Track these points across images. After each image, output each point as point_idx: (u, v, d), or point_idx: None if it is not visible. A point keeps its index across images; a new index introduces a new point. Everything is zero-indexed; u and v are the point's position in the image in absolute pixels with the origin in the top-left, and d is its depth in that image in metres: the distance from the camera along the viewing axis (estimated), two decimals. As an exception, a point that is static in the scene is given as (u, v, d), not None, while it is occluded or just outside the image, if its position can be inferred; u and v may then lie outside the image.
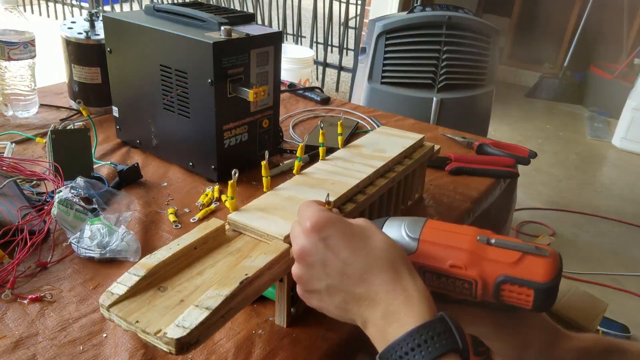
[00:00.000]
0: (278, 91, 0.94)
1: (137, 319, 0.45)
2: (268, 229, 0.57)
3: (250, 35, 0.84)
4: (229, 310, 0.47)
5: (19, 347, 0.54)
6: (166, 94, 0.89)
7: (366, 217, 0.53)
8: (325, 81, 3.63)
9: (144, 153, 0.99)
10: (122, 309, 0.46)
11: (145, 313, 0.46)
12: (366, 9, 3.44)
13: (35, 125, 1.07)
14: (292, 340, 0.59)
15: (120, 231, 0.70)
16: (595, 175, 2.95)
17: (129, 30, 0.90)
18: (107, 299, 0.46)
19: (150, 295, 0.48)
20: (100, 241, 0.68)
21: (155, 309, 0.46)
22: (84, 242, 0.68)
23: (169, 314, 0.46)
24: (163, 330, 0.43)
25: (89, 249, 0.68)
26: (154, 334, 0.43)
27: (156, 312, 0.46)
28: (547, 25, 4.33)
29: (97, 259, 0.68)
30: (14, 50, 1.03)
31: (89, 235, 0.68)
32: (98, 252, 0.68)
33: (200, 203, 0.83)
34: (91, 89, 1.10)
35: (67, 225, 0.71)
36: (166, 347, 0.42)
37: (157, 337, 0.43)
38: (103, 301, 0.46)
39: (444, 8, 1.87)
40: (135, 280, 0.48)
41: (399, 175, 0.77)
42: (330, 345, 0.59)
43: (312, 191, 0.66)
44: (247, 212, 0.60)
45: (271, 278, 0.53)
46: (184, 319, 0.43)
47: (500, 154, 1.10)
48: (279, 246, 0.54)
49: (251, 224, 0.58)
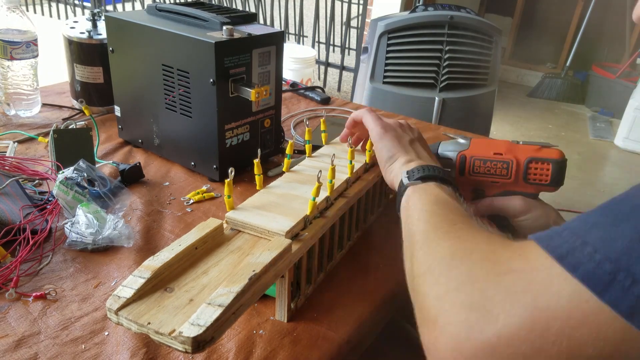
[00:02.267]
0: (280, 91, 0.94)
1: (149, 321, 0.45)
2: (268, 226, 0.57)
3: (252, 35, 0.84)
4: (239, 306, 0.47)
5: (21, 345, 0.55)
6: (168, 94, 0.89)
7: (355, 209, 0.74)
8: (327, 81, 3.63)
9: (146, 152, 1.00)
10: (132, 312, 0.46)
11: (155, 314, 0.45)
12: (368, 9, 3.44)
13: (38, 125, 1.07)
14: (292, 340, 0.59)
15: (112, 218, 0.71)
16: (597, 175, 2.95)
17: (131, 30, 0.91)
18: (115, 302, 0.46)
19: (158, 297, 0.48)
20: (94, 229, 0.69)
21: (166, 310, 0.46)
22: (78, 227, 0.69)
23: (181, 313, 0.46)
24: (177, 329, 0.43)
25: (81, 234, 0.69)
26: (168, 334, 0.43)
27: (167, 313, 0.46)
28: (550, 25, 4.32)
29: (90, 249, 0.69)
30: (16, 49, 1.04)
31: (85, 222, 0.69)
32: (90, 239, 0.69)
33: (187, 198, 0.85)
34: (93, 88, 1.11)
35: (67, 206, 0.73)
36: (182, 347, 0.42)
37: (171, 337, 0.43)
38: (111, 305, 0.46)
39: (446, 8, 1.87)
40: (141, 282, 0.48)
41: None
42: (331, 344, 0.59)
43: (304, 187, 0.67)
44: (244, 211, 0.60)
45: (275, 274, 0.53)
46: (198, 317, 0.43)
47: (502, 153, 1.10)
48: (281, 242, 0.54)
49: (251, 222, 0.58)
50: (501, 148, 0.70)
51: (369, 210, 0.81)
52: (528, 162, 0.69)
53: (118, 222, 0.71)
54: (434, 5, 1.92)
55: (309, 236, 0.59)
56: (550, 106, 3.93)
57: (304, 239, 0.58)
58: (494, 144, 0.71)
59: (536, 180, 0.70)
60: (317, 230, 0.61)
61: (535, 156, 0.69)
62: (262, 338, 0.58)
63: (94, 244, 0.69)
